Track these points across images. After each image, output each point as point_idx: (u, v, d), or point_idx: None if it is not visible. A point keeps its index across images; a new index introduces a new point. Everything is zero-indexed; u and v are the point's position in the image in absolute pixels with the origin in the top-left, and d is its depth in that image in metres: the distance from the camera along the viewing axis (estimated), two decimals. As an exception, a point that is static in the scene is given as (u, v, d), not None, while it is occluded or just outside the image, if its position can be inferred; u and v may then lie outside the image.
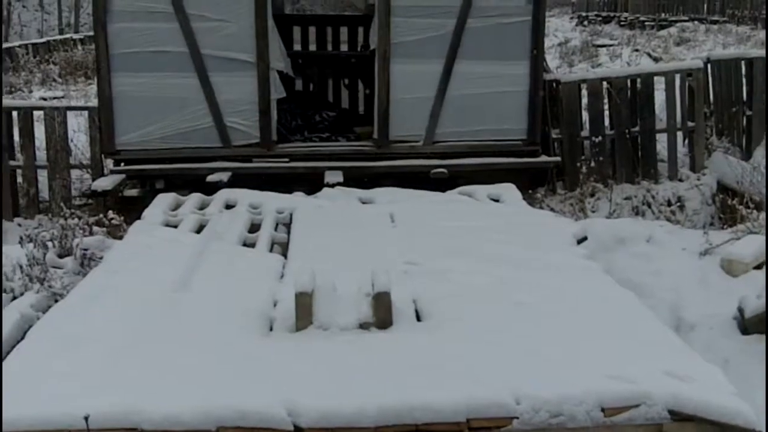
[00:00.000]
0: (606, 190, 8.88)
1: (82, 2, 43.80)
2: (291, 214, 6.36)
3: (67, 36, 29.18)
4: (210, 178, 8.26)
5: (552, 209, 8.48)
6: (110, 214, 7.38)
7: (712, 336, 5.03)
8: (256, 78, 8.52)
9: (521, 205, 6.79)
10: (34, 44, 25.92)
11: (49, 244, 6.46)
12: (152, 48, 8.40)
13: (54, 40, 27.03)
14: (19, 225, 8.59)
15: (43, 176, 9.12)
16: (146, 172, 8.61)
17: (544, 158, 8.95)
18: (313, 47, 11.92)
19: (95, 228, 7.15)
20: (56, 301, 5.03)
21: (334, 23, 12.10)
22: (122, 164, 8.67)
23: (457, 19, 8.56)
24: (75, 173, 9.34)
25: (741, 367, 4.50)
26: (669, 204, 8.72)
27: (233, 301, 4.36)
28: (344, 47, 11.99)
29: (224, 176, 8.31)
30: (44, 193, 9.17)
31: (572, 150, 9.19)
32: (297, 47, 11.78)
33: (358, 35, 11.77)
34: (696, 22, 33.81)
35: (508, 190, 7.06)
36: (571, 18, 43.23)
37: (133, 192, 8.67)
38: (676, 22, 34.49)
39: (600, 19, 38.58)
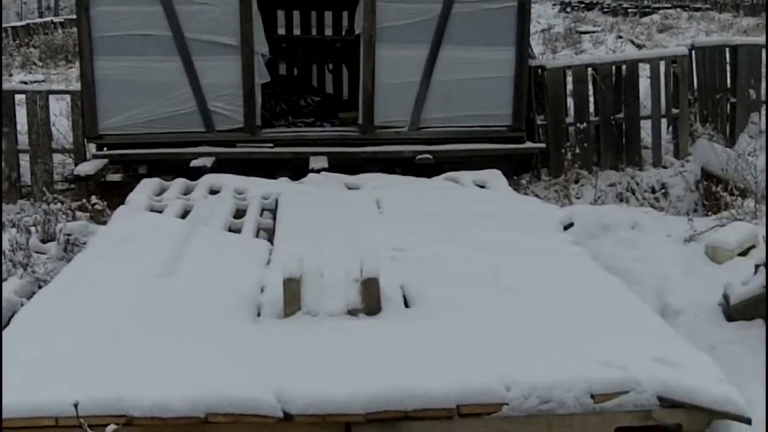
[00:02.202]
0: (590, 177, 8.90)
1: (62, -16, 43.40)
2: (276, 200, 6.32)
3: (47, 19, 28.93)
4: (194, 163, 8.21)
5: (537, 195, 8.48)
6: (93, 199, 7.32)
7: (698, 323, 5.04)
8: (240, 62, 8.47)
9: (507, 191, 6.79)
10: (13, 27, 25.66)
11: (32, 229, 6.41)
12: (135, 31, 8.34)
13: (34, 23, 26.77)
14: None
15: (24, 161, 9.04)
16: (129, 156, 8.54)
17: (529, 144, 8.95)
18: (297, 31, 11.86)
19: (78, 213, 7.10)
20: (40, 287, 4.99)
21: (319, 7, 12.04)
22: (105, 149, 8.59)
23: (443, 4, 8.53)
24: (57, 158, 9.26)
25: (727, 354, 4.50)
26: (653, 191, 8.76)
27: (220, 288, 4.33)
28: (329, 31, 11.94)
29: (208, 161, 8.26)
30: (26, 178, 9.08)
31: (557, 136, 9.20)
32: (281, 31, 11.72)
33: (343, 19, 11.73)
34: (679, 9, 33.90)
35: (494, 177, 7.05)
36: (554, 5, 43.25)
37: (116, 177, 8.60)
38: (659, 9, 34.57)
39: (583, 5, 38.60)
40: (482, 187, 6.91)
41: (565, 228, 5.83)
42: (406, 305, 4.14)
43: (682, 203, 8.67)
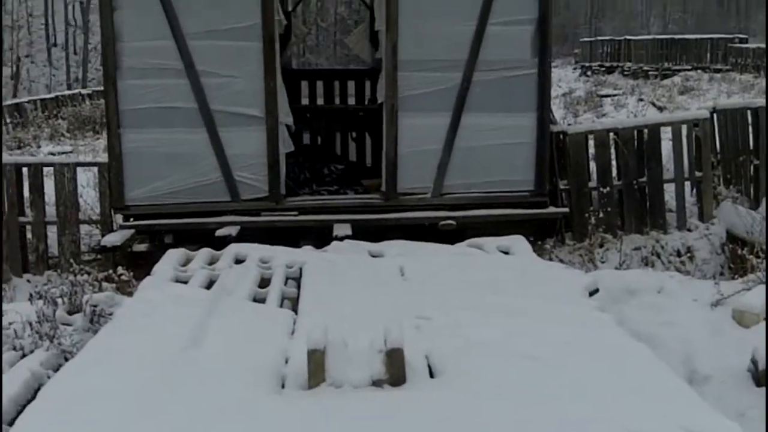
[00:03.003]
0: (615, 241, 8.88)
1: (89, 57, 44.41)
2: (301, 269, 6.34)
3: (75, 91, 29.55)
4: (219, 232, 8.29)
5: (561, 260, 8.47)
6: (119, 269, 7.40)
7: (726, 389, 4.99)
8: (265, 132, 8.60)
9: (531, 257, 6.77)
10: (42, 100, 26.23)
11: (59, 300, 6.46)
12: (162, 104, 8.49)
13: (62, 96, 27.34)
14: (29, 281, 8.62)
15: (52, 232, 9.15)
16: (155, 227, 8.64)
17: (552, 209, 8.97)
18: (320, 101, 12.02)
19: (104, 284, 7.17)
20: (66, 359, 5.02)
21: (342, 77, 12.22)
22: (131, 219, 8.70)
23: (464, 73, 8.64)
24: (84, 228, 9.37)
25: (757, 420, 4.45)
26: (678, 254, 8.71)
27: (245, 359, 4.33)
28: (351, 100, 12.08)
29: (233, 230, 8.34)
30: (53, 249, 9.19)
31: (580, 201, 9.20)
32: (305, 101, 11.89)
33: (366, 88, 11.87)
34: (699, 71, 34.12)
35: (518, 242, 7.04)
36: (575, 68, 43.67)
37: (141, 247, 8.69)
38: (679, 71, 34.82)
39: (603, 69, 38.97)
40: (506, 253, 6.89)
41: (591, 294, 5.80)
42: (431, 375, 4.11)
43: (708, 266, 8.62)
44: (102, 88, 10.36)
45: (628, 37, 41.15)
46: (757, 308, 5.83)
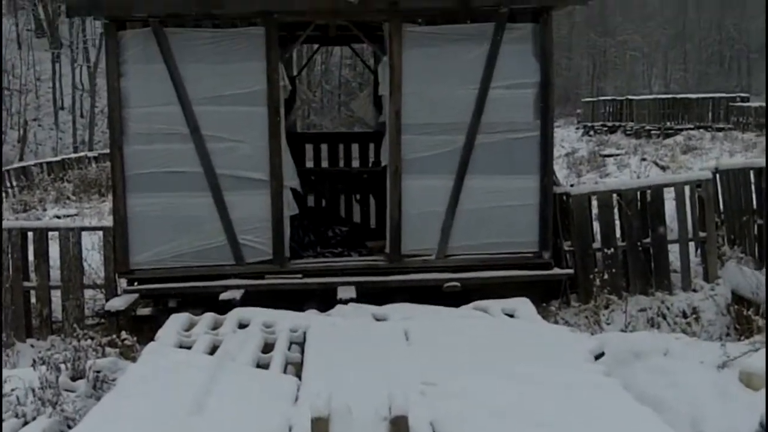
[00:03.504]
0: (620, 302, 8.84)
1: (96, 120, 44.81)
2: (304, 333, 6.33)
3: (82, 154, 29.74)
4: (223, 296, 8.29)
5: (566, 322, 8.43)
6: (123, 334, 7.37)
7: (735, 453, 4.93)
8: (270, 196, 8.64)
9: (536, 320, 6.75)
10: (48, 162, 26.39)
11: (62, 366, 6.43)
12: (168, 168, 8.56)
13: (68, 159, 27.52)
14: (32, 346, 8.59)
15: (56, 296, 9.14)
16: (159, 291, 8.64)
17: (556, 270, 8.96)
18: (325, 163, 12.11)
19: (108, 349, 7.13)
20: (69, 426, 4.99)
21: (346, 140, 12.32)
22: (136, 283, 8.71)
23: (467, 136, 8.70)
24: (88, 293, 9.37)
25: (767, 486, 4.38)
26: (684, 315, 8.66)
27: (248, 426, 4.31)
28: (356, 163, 12.17)
29: (237, 294, 8.34)
30: (57, 314, 9.17)
31: (585, 262, 9.19)
32: (309, 164, 11.97)
33: (370, 151, 11.96)
34: (701, 130, 34.30)
35: (523, 305, 7.03)
36: (577, 128, 43.94)
37: (146, 311, 8.69)
38: (681, 130, 35.02)
39: (606, 128, 39.20)
40: (511, 316, 6.88)
41: (597, 357, 5.77)
42: (436, 443, 4.08)
43: (714, 327, 8.56)
44: (108, 150, 10.44)
45: (630, 97, 41.49)
46: (765, 370, 5.78)
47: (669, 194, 9.61)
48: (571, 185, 15.35)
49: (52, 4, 44.74)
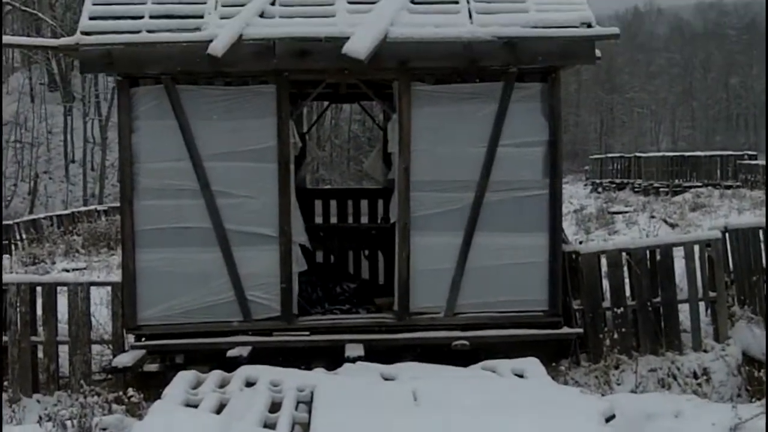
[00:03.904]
0: (630, 362, 8.77)
1: (107, 173, 45.14)
2: (312, 392, 6.28)
3: (91, 207, 29.96)
4: (230, 353, 8.25)
5: (576, 382, 8.36)
6: (130, 391, 7.35)
7: None
8: (278, 252, 8.64)
9: (546, 380, 6.69)
10: (58, 216, 26.58)
11: (68, 423, 6.40)
12: (177, 224, 8.59)
13: (78, 212, 27.70)
14: (38, 402, 8.54)
15: (63, 352, 9.10)
16: (167, 347, 8.61)
17: (566, 330, 8.90)
18: (334, 219, 12.13)
19: (115, 406, 7.12)
20: (74, 485, 4.94)
21: (355, 196, 12.35)
22: (143, 339, 8.68)
23: (476, 193, 8.71)
24: (96, 348, 9.32)
25: None
26: (695, 376, 8.58)
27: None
28: (364, 219, 12.18)
29: (244, 351, 8.30)
30: (64, 369, 9.13)
31: (594, 321, 9.14)
32: (318, 219, 12.00)
33: (379, 207, 11.98)
34: (710, 188, 34.37)
35: (532, 365, 6.97)
36: (585, 185, 44.10)
37: (152, 367, 8.65)
38: (690, 187, 35.09)
39: (614, 185, 39.33)
40: (521, 376, 6.82)
41: (607, 420, 5.71)
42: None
43: (725, 388, 8.48)
44: (118, 204, 10.48)
45: (638, 154, 41.72)
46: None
47: (678, 252, 9.58)
48: (580, 242, 15.37)
49: (66, 58, 45.31)
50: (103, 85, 49.30)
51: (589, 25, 8.62)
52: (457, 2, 8.76)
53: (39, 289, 9.16)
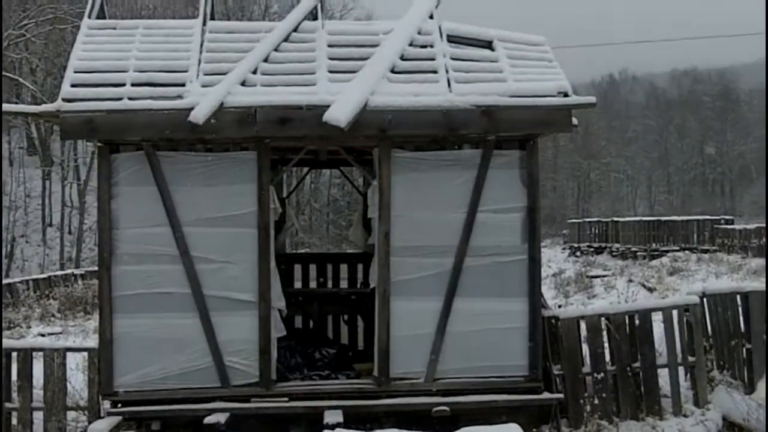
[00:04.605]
0: (611, 427, 8.76)
1: (84, 237, 44.92)
2: (291, 460, 6.22)
3: (68, 271, 29.69)
4: (208, 419, 8.16)
5: (557, 448, 8.31)
6: (105, 459, 7.22)
7: None
8: (257, 317, 8.61)
9: (526, 447, 6.65)
10: (35, 279, 26.33)
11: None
12: (156, 290, 8.55)
13: (55, 276, 27.46)
14: (10, 472, 8.38)
15: (38, 418, 8.96)
16: (143, 413, 8.50)
17: (546, 395, 8.87)
18: (313, 284, 12.10)
19: (89, 475, 6.97)
20: None
21: (334, 261, 12.35)
22: (120, 405, 8.57)
23: (455, 258, 8.75)
24: (71, 414, 9.19)
25: None
26: (676, 442, 8.57)
27: None
28: (344, 283, 12.16)
29: (222, 417, 8.21)
30: (39, 436, 8.98)
31: (575, 386, 9.12)
32: (297, 284, 11.98)
33: (358, 271, 11.98)
34: (687, 252, 34.65)
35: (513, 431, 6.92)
36: (563, 248, 44.29)
37: (128, 434, 8.52)
38: (667, 251, 35.36)
39: (592, 249, 39.55)
40: (501, 442, 6.77)
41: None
42: None
43: (708, 455, 8.47)
44: (95, 268, 10.43)
45: (616, 219, 42.05)
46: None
47: (657, 317, 9.62)
48: (559, 306, 15.40)
49: (45, 123, 45.40)
50: (83, 150, 49.35)
51: (566, 94, 8.77)
52: (436, 72, 8.91)
53: (14, 354, 9.06)
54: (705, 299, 9.87)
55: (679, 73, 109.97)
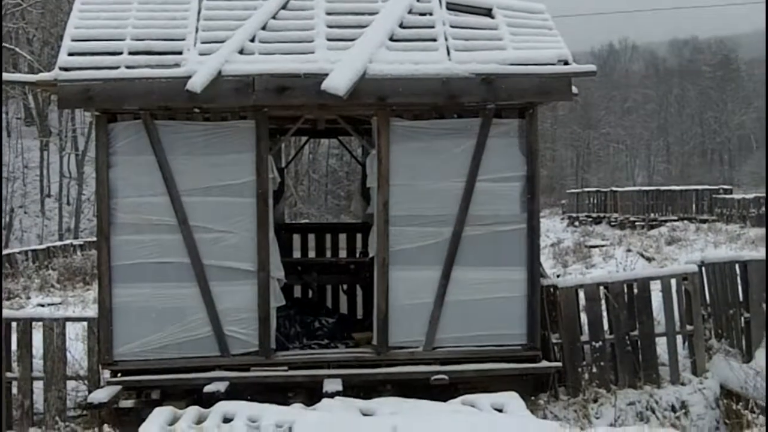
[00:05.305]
0: (609, 396, 8.79)
1: (83, 208, 44.89)
2: (290, 428, 6.22)
3: (67, 242, 29.70)
4: (207, 388, 8.18)
5: (556, 416, 8.37)
6: (105, 427, 7.27)
7: None
8: (257, 287, 8.60)
9: (526, 415, 6.66)
10: (33, 250, 26.33)
11: (43, 460, 6.32)
12: (154, 259, 8.53)
13: (53, 246, 27.47)
14: (11, 439, 8.43)
15: (38, 388, 9.00)
16: (143, 383, 8.52)
17: (544, 363, 8.90)
18: (312, 254, 12.11)
19: (89, 443, 7.02)
20: None
21: (333, 230, 12.35)
22: (119, 375, 8.59)
23: (454, 227, 8.73)
24: (71, 384, 9.23)
25: None
26: (673, 409, 8.62)
27: None
28: (343, 253, 12.17)
29: (222, 386, 8.23)
30: (39, 405, 9.02)
31: (573, 355, 9.16)
32: (297, 254, 11.98)
33: (357, 241, 11.99)
34: (686, 221, 34.66)
35: (512, 399, 6.94)
36: (562, 218, 44.32)
37: (128, 403, 8.56)
38: (666, 221, 35.39)
39: (591, 219, 39.57)
40: (500, 410, 6.80)
41: (586, 454, 5.71)
42: None
43: (704, 421, 8.53)
44: (94, 238, 10.44)
45: (614, 188, 42.01)
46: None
47: (656, 286, 9.64)
48: (558, 276, 15.42)
49: (43, 93, 45.21)
50: (80, 120, 49.19)
51: (566, 63, 8.71)
52: (435, 40, 8.85)
53: (14, 324, 9.08)
54: (703, 268, 9.89)
55: (679, 42, 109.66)
